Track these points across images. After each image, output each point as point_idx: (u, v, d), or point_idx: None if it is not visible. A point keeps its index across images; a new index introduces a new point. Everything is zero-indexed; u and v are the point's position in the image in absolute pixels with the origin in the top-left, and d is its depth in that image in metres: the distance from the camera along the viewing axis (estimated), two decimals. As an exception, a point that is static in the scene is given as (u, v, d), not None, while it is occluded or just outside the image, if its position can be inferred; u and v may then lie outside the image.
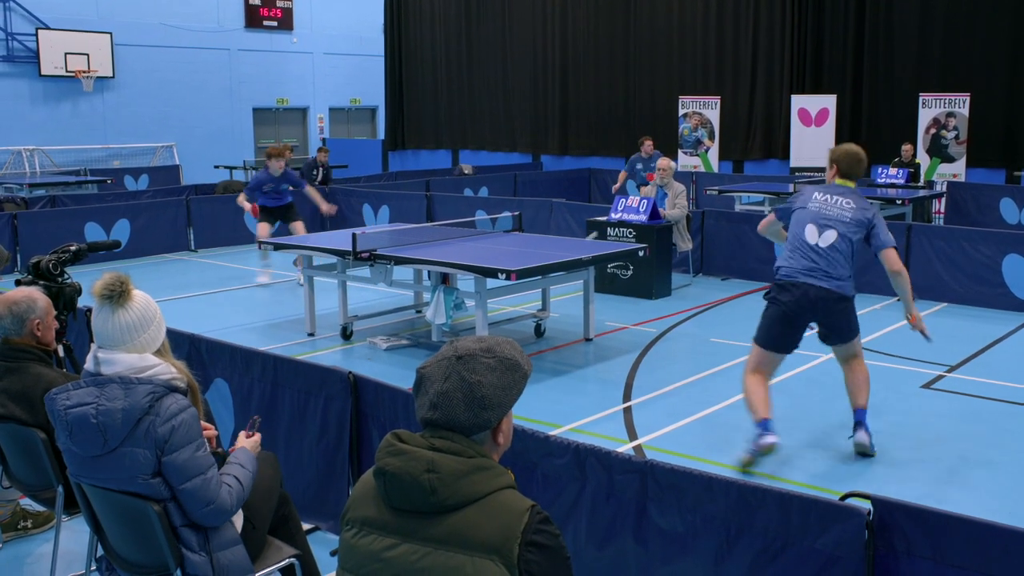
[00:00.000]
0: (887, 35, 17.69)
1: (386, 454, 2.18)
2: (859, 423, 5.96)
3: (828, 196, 5.88)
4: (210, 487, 3.13)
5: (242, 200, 11.84)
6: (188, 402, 3.17)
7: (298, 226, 11.70)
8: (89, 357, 3.24)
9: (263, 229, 11.50)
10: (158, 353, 3.26)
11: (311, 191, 12.36)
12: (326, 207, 12.55)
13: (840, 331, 5.92)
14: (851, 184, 5.98)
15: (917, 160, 15.85)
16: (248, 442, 3.54)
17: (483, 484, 2.13)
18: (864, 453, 5.88)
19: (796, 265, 5.73)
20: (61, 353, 4.82)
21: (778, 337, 5.84)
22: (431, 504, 2.11)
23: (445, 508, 2.11)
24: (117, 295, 3.21)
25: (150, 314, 3.28)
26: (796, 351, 6.02)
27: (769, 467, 5.66)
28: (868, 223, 5.77)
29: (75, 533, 4.64)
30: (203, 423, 3.43)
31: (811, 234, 5.76)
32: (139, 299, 3.27)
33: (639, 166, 14.97)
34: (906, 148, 15.54)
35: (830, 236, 5.72)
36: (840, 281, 5.70)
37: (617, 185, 15.52)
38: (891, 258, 5.79)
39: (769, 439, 5.63)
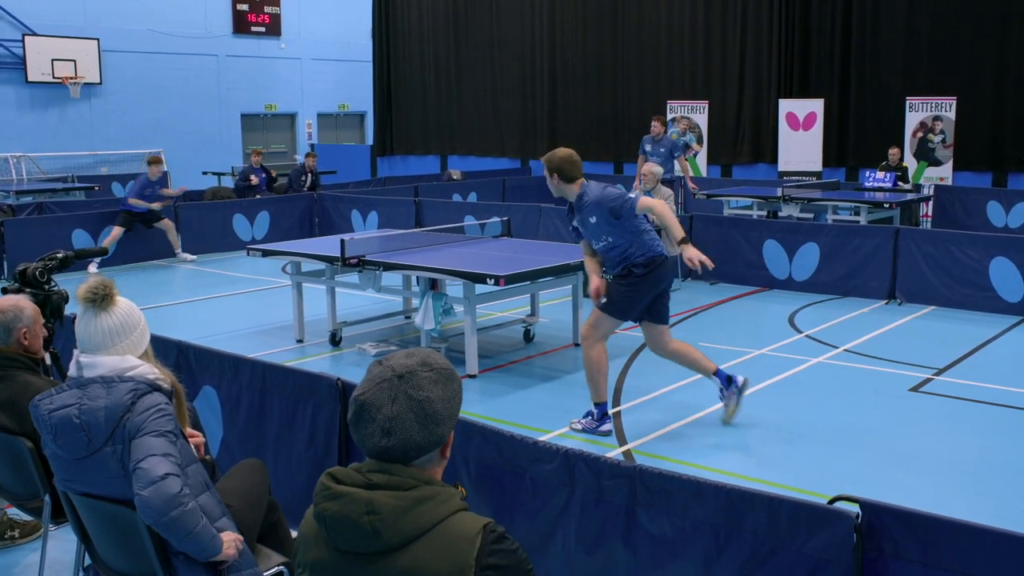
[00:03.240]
0: (874, 39, 17.75)
1: (323, 498, 2.08)
2: (730, 378, 6.53)
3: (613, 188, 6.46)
4: (159, 466, 2.94)
5: (140, 202, 13.50)
6: (167, 402, 3.15)
7: (166, 222, 13.90)
8: (72, 362, 3.23)
9: (119, 233, 13.42)
10: (142, 358, 3.25)
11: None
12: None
13: (666, 304, 6.48)
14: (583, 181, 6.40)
15: (904, 164, 15.91)
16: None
17: (427, 516, 2.03)
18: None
19: (664, 246, 6.44)
20: (48, 361, 4.80)
21: (637, 311, 6.38)
22: (376, 546, 2.01)
23: (392, 547, 2.01)
24: (100, 299, 3.21)
25: (133, 320, 3.28)
26: (784, 355, 6.04)
27: (757, 471, 5.67)
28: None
29: (62, 542, 4.62)
30: (190, 430, 3.41)
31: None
32: (123, 304, 3.27)
33: (648, 147, 14.05)
34: (893, 152, 15.60)
35: None
36: None
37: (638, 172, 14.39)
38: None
39: (608, 427, 6.38)
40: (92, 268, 12.83)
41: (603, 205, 6.17)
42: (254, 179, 17.07)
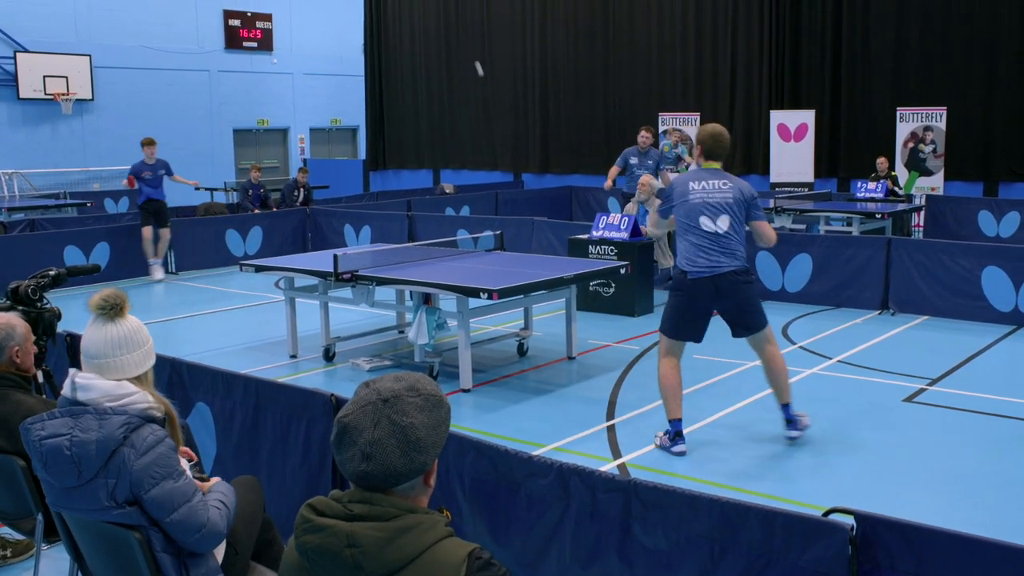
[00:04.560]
0: (864, 50, 17.83)
1: (303, 531, 2.05)
2: (791, 420, 6.34)
3: (706, 182, 6.15)
4: (198, 512, 3.09)
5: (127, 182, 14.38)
6: (164, 433, 3.14)
7: (165, 232, 13.99)
8: (67, 382, 3.21)
9: (148, 232, 13.76)
10: (139, 381, 3.24)
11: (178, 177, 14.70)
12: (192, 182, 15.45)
13: (750, 312, 6.21)
14: (717, 165, 6.25)
15: (893, 173, 15.96)
16: (215, 481, 3.49)
17: (410, 546, 1.99)
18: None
19: (701, 261, 6.06)
20: (41, 379, 4.78)
21: (681, 328, 6.24)
22: None
23: None
24: (111, 307, 3.23)
25: (141, 338, 3.29)
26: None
27: (752, 483, 5.67)
28: (745, 204, 6.14)
29: (55, 561, 4.59)
30: (183, 448, 3.40)
31: (707, 223, 6.07)
32: (133, 321, 3.30)
33: (633, 160, 13.16)
34: (881, 161, 15.66)
35: (725, 222, 6.07)
36: (740, 259, 6.13)
37: (608, 183, 13.59)
38: (765, 229, 6.26)
39: (678, 448, 6.15)
40: (158, 275, 13.67)
41: None
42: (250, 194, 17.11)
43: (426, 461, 2.07)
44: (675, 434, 6.20)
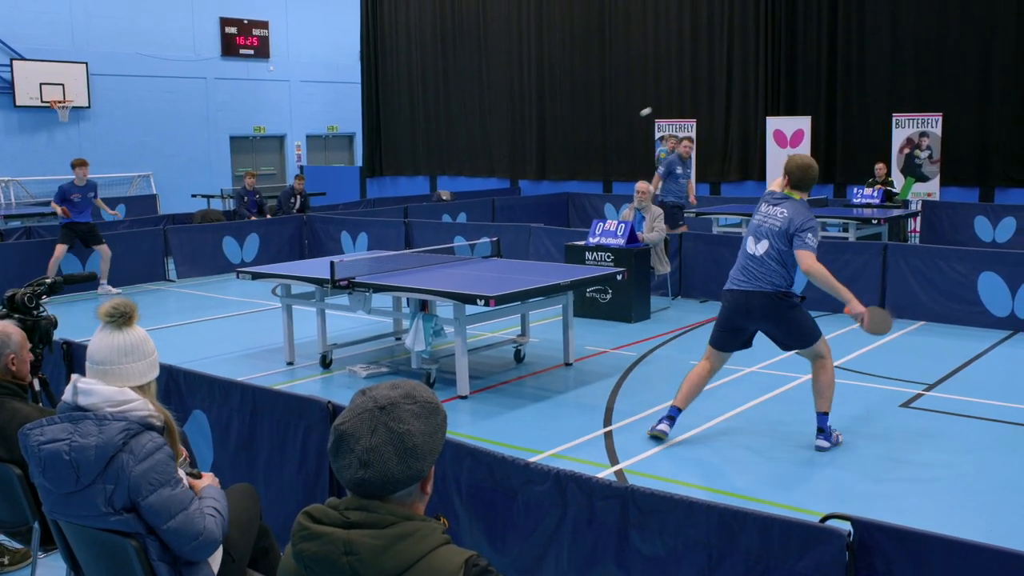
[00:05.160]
0: (859, 56, 17.86)
1: (300, 539, 2.05)
2: (824, 429, 6.41)
3: (769, 207, 6.33)
4: (194, 521, 3.10)
5: (54, 206, 13.30)
6: (163, 440, 3.14)
7: (104, 249, 13.25)
8: (68, 387, 3.22)
9: (61, 251, 12.90)
10: (141, 391, 3.24)
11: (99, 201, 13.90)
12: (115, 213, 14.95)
13: (793, 334, 6.35)
14: (797, 195, 6.33)
15: (890, 178, 15.97)
16: (209, 479, 3.49)
17: (408, 553, 2.00)
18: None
19: (735, 277, 6.35)
20: (37, 387, 4.77)
21: (719, 338, 6.52)
22: None
23: None
24: (119, 316, 3.27)
25: (147, 348, 3.32)
26: (775, 372, 6.03)
27: (749, 489, 5.67)
28: (788, 234, 6.16)
29: (52, 570, 4.58)
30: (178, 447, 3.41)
31: (751, 244, 6.33)
32: (140, 331, 3.34)
33: (678, 169, 13.34)
34: (879, 167, 15.67)
35: (763, 246, 6.26)
36: (773, 284, 6.21)
37: (654, 188, 13.00)
38: (801, 258, 6.16)
39: (661, 427, 6.46)
40: (113, 290, 12.96)
41: None
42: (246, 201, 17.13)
43: (423, 468, 2.07)
44: (666, 417, 6.50)
